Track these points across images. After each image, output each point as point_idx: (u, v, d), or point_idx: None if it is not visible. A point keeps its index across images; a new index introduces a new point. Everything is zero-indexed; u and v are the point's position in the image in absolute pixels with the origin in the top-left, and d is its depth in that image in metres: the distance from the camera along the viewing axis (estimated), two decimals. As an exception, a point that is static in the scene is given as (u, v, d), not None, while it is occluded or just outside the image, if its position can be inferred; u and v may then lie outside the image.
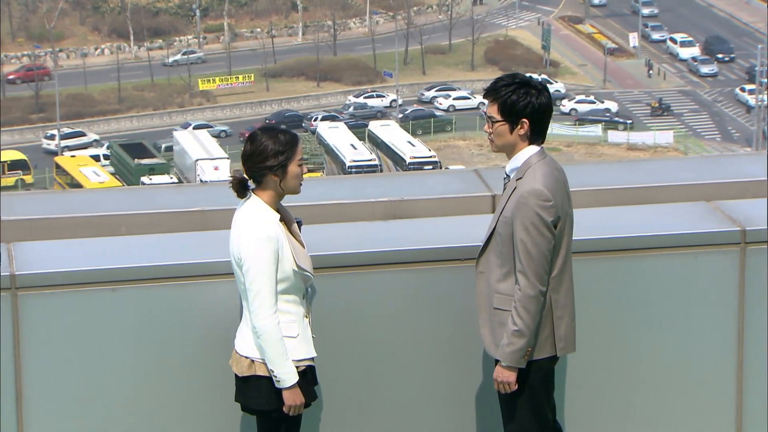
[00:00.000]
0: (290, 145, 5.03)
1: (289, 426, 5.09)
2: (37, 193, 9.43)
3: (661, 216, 5.89)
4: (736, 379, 5.73)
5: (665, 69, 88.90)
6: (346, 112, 77.88)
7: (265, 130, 5.07)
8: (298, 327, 5.05)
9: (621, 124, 77.08)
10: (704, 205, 5.94)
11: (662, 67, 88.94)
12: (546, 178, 5.07)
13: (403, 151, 63.17)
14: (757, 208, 5.87)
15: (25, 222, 6.02)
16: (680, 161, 8.19)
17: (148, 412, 5.31)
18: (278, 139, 5.01)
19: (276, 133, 5.05)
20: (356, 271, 5.49)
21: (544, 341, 5.13)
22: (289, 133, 5.08)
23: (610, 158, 69.96)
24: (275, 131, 5.06)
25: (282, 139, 5.02)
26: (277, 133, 5.05)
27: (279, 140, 5.01)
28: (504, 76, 5.18)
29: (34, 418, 5.22)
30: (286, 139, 5.03)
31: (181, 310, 5.29)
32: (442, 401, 5.57)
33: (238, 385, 5.09)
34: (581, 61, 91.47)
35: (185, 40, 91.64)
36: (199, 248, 5.52)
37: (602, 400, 5.72)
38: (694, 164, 7.55)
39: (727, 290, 5.66)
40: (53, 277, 5.20)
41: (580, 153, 72.36)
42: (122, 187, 35.26)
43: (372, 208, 6.27)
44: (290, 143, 5.04)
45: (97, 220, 6.08)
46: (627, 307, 5.66)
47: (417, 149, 63.51)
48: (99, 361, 5.24)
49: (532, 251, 5.02)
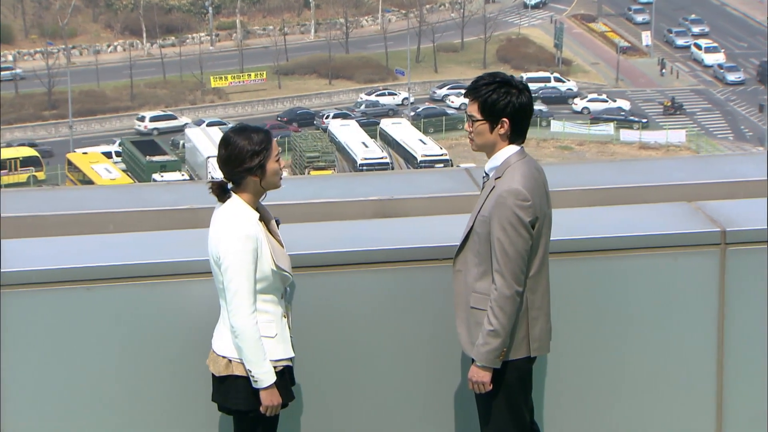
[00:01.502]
0: (265, 144, 4.99)
1: (266, 426, 5.08)
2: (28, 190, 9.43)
3: (642, 216, 5.88)
4: (717, 380, 5.71)
5: (678, 68, 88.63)
6: (358, 110, 77.80)
7: (237, 132, 5.01)
8: (276, 327, 5.04)
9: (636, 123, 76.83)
10: (686, 206, 5.93)
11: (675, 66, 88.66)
12: (525, 178, 5.06)
13: (415, 149, 63.04)
14: (739, 209, 5.85)
15: (14, 219, 6.04)
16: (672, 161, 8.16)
17: (125, 410, 5.31)
18: (252, 140, 4.96)
19: (249, 133, 4.99)
20: (336, 270, 5.47)
21: (520, 342, 5.12)
22: (262, 131, 5.03)
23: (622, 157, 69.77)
24: (248, 131, 5.00)
25: (256, 138, 4.97)
26: (250, 133, 4.99)
27: (253, 140, 4.96)
28: (485, 75, 5.16)
29: (11, 417, 5.22)
30: (259, 138, 4.98)
31: (157, 309, 5.29)
32: (421, 401, 5.56)
33: (215, 384, 5.08)
34: (594, 59, 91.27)
35: (197, 37, 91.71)
36: (179, 246, 5.51)
37: (582, 401, 5.71)
38: (685, 164, 7.54)
39: (708, 291, 5.64)
40: (32, 275, 5.20)
41: (592, 151, 72.17)
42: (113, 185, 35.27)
43: (362, 206, 6.28)
44: (264, 141, 4.99)
45: (86, 218, 6.09)
46: (607, 308, 5.64)
47: (428, 147, 63.37)
48: (76, 360, 5.24)
49: (509, 251, 5.02)
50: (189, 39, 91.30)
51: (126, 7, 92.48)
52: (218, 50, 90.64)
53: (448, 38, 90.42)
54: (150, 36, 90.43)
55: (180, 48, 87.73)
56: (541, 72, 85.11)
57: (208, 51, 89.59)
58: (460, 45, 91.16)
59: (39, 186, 61.58)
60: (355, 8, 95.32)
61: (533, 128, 74.68)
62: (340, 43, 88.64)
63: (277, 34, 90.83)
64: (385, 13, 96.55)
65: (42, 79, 78.66)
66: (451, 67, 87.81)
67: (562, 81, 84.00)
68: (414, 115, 75.25)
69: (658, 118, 79.45)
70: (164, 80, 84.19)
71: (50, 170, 66.10)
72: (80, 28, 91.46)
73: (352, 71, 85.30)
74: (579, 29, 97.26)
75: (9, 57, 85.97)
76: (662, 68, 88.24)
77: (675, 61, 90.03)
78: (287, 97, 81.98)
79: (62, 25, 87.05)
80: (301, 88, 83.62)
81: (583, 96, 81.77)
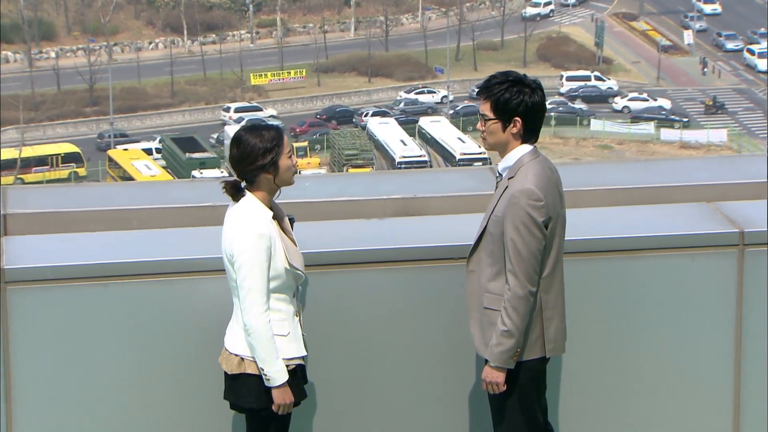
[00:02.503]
0: (277, 140, 5.00)
1: (278, 425, 5.08)
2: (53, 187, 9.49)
3: (660, 216, 5.84)
4: (734, 382, 5.66)
5: (720, 67, 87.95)
6: (397, 107, 77.80)
7: (249, 131, 5.03)
8: (288, 325, 5.04)
9: (677, 122, 76.35)
10: (705, 206, 5.88)
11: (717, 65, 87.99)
12: (538, 177, 5.04)
13: (453, 147, 62.99)
14: (758, 210, 5.79)
15: (37, 216, 6.06)
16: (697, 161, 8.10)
17: (137, 408, 5.32)
18: (264, 137, 4.98)
19: (260, 130, 5.01)
20: (351, 269, 5.47)
21: (533, 342, 5.10)
22: (273, 128, 5.05)
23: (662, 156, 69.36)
24: (259, 129, 5.02)
25: (267, 135, 4.99)
26: (261, 130, 5.01)
27: (265, 138, 4.98)
28: (497, 74, 5.13)
29: (23, 414, 5.24)
30: (271, 135, 5.00)
31: (172, 306, 5.29)
32: (434, 401, 5.55)
33: (228, 383, 5.08)
34: (635, 58, 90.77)
35: (238, 34, 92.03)
36: (195, 244, 5.52)
37: (599, 403, 5.67)
38: (710, 164, 7.47)
39: (725, 292, 5.60)
40: (42, 272, 5.21)
41: (632, 151, 71.82)
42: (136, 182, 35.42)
43: (384, 205, 6.26)
44: (276, 138, 5.00)
45: (108, 214, 6.10)
46: (624, 308, 5.61)
47: (467, 146, 63.27)
48: (88, 357, 5.25)
49: (522, 251, 4.99)
50: (229, 36, 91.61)
51: (167, 4, 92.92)
52: (258, 48, 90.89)
53: (488, 36, 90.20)
54: (191, 33, 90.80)
55: (220, 45, 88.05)
56: (581, 71, 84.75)
57: (248, 48, 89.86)
58: (500, 43, 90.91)
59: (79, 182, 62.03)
60: (396, 6, 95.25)
61: (573, 127, 74.46)
62: (379, 41, 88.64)
63: (317, 31, 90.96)
64: (425, 11, 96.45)
65: (83, 75, 79.17)
66: (491, 65, 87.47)
67: (603, 80, 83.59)
68: (453, 113, 75.16)
69: (699, 118, 78.93)
70: (204, 77, 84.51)
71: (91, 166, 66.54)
72: (122, 26, 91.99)
73: (391, 69, 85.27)
74: (620, 27, 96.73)
75: (51, 54, 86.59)
76: (704, 67, 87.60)
77: (717, 60, 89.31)
78: (326, 95, 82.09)
79: (104, 23, 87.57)
80: (341, 85, 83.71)
81: (624, 95, 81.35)
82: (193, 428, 5.36)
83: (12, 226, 5.97)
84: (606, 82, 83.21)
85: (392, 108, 77.69)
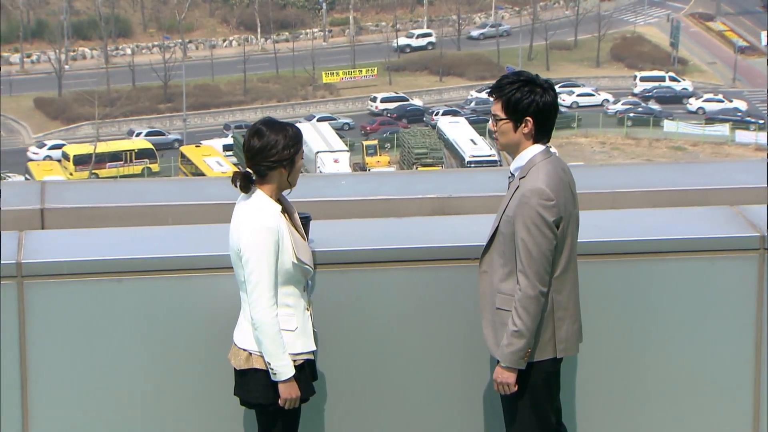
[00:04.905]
0: (298, 139, 5.07)
1: (287, 420, 5.08)
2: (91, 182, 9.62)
3: (681, 219, 5.77)
4: (754, 386, 5.58)
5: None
6: (468, 107, 77.62)
7: (270, 125, 5.07)
8: (296, 320, 5.05)
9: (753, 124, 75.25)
10: (727, 210, 5.80)
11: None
12: (549, 177, 5.00)
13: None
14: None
15: (74, 210, 6.15)
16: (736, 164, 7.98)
17: (151, 402, 5.34)
18: (287, 133, 5.04)
19: (283, 126, 5.07)
20: (368, 267, 5.46)
21: (545, 343, 5.06)
22: (295, 127, 5.11)
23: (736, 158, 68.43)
24: (281, 125, 5.07)
25: (291, 133, 5.06)
26: (284, 126, 5.07)
27: (288, 134, 5.04)
28: (509, 74, 5.12)
29: (38, 407, 5.28)
30: (294, 132, 5.07)
31: (185, 302, 5.31)
32: (447, 400, 5.53)
33: (237, 378, 5.10)
34: (710, 59, 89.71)
35: (311, 33, 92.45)
36: (212, 240, 5.53)
37: (616, 406, 5.62)
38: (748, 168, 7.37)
39: (746, 296, 5.52)
40: (59, 267, 5.26)
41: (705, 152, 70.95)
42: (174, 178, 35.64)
43: (419, 204, 6.26)
44: (298, 137, 5.07)
45: (144, 210, 6.17)
46: (644, 311, 5.54)
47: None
48: (102, 351, 5.29)
49: (533, 251, 4.96)
50: (302, 35, 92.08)
51: (242, 2, 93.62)
52: (331, 46, 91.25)
53: (561, 36, 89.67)
54: (264, 31, 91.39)
55: (293, 43, 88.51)
56: (655, 71, 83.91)
57: (320, 47, 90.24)
58: (573, 43, 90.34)
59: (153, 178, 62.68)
60: (468, 5, 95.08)
61: (645, 128, 73.74)
62: (452, 40, 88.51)
63: (390, 30, 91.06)
64: (497, 10, 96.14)
65: (158, 72, 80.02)
66: (564, 65, 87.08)
67: (677, 80, 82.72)
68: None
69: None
70: (277, 75, 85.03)
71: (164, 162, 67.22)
72: (197, 23, 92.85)
73: (463, 68, 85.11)
74: (696, 28, 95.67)
75: (127, 50, 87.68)
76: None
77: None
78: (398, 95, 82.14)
79: (179, 20, 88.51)
80: (412, 84, 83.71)
81: (699, 96, 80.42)
82: (205, 423, 5.38)
83: (50, 220, 6.06)
84: (680, 83, 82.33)
85: (463, 107, 77.51)
